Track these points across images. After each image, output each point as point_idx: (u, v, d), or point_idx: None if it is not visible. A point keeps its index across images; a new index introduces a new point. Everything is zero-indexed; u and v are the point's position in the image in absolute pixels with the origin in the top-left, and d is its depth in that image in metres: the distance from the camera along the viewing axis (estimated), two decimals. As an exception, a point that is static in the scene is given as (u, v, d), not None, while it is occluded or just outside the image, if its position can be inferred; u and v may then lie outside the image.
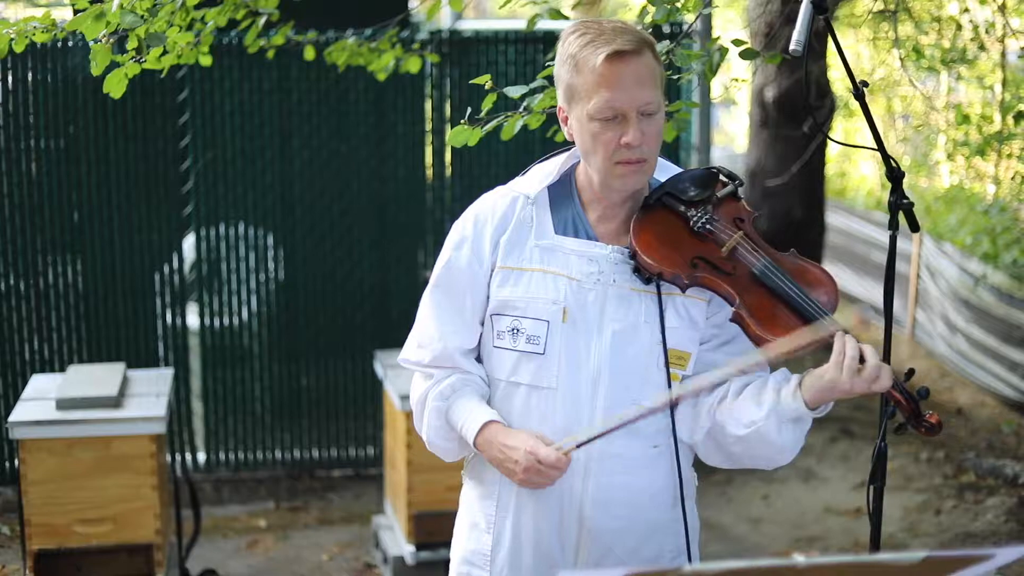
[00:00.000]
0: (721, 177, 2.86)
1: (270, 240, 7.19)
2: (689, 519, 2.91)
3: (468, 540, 3.00)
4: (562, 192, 2.90)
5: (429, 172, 7.29)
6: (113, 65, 3.98)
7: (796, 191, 10.49)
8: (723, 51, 3.99)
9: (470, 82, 3.34)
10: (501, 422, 2.81)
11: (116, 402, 5.28)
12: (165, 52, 4.20)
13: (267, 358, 7.30)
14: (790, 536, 6.70)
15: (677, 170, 2.92)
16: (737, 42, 3.97)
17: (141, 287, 7.05)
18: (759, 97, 10.57)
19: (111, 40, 3.82)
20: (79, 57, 6.66)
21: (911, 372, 2.72)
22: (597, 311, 2.78)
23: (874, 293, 12.75)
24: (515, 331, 2.82)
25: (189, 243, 7.13)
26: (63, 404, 5.23)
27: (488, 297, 2.87)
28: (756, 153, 10.87)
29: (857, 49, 13.58)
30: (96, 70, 3.85)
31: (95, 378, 5.53)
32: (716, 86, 5.55)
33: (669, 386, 2.77)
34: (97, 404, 5.25)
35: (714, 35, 6.88)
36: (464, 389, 2.88)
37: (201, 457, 7.31)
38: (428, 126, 7.21)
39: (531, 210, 2.86)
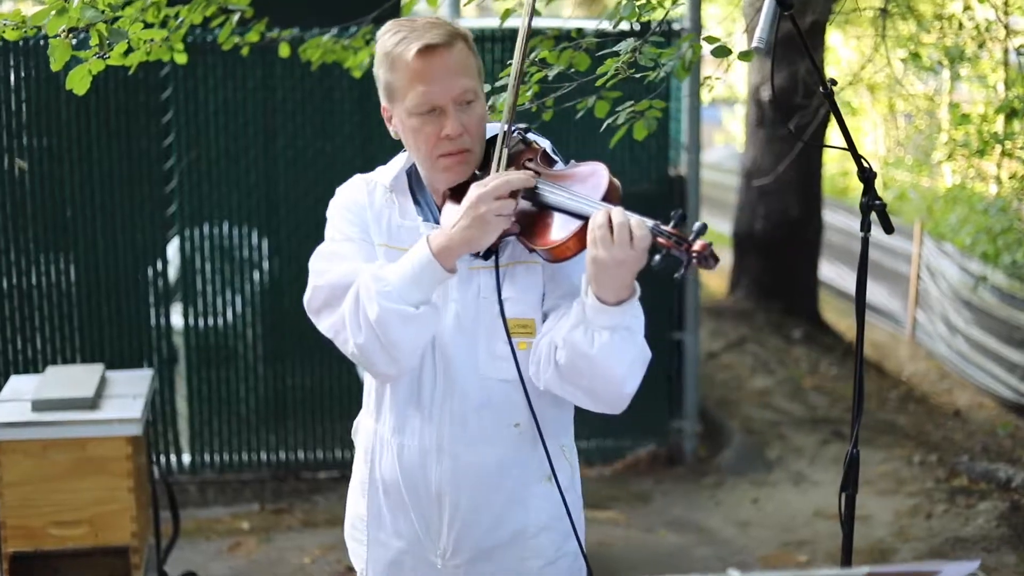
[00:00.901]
0: (514, 134, 2.82)
1: (255, 240, 7.12)
2: (568, 498, 2.87)
3: (354, 502, 3.06)
4: (418, 175, 2.91)
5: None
6: (76, 61, 3.92)
7: (792, 190, 10.45)
8: (695, 48, 3.92)
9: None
10: None
11: (92, 403, 5.21)
12: (131, 49, 4.14)
13: (252, 358, 7.25)
14: (779, 540, 6.62)
15: None
16: (710, 39, 3.88)
17: (125, 287, 6.99)
18: (755, 95, 10.53)
19: (70, 36, 3.75)
20: (62, 54, 6.59)
21: (681, 216, 2.50)
22: (441, 293, 2.76)
23: (874, 293, 12.68)
24: None
25: (174, 247, 7.07)
26: (39, 405, 5.17)
27: None
28: (752, 152, 10.83)
29: (860, 47, 13.50)
30: (55, 65, 3.78)
31: (72, 379, 5.47)
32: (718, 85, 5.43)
33: (515, 357, 2.74)
34: (73, 405, 5.19)
35: (706, 32, 6.81)
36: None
37: (186, 458, 7.25)
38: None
39: (391, 196, 2.89)
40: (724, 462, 7.74)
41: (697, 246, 2.44)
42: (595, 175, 2.67)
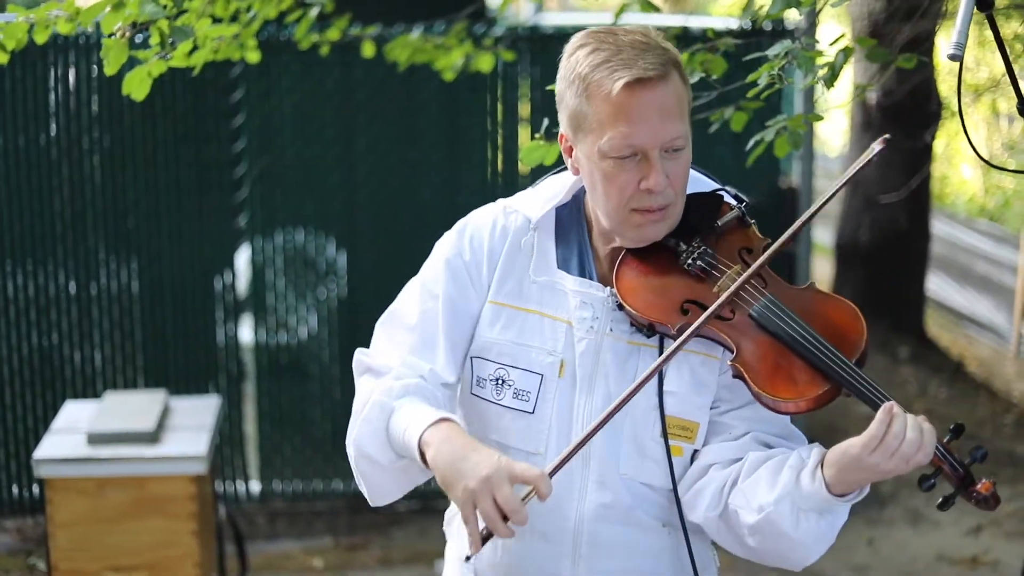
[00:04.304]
0: (727, 199, 2.39)
1: (331, 252, 6.69)
2: None
3: None
4: (571, 216, 2.42)
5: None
6: (134, 62, 3.45)
7: (901, 200, 9.89)
8: (848, 51, 3.37)
9: (547, 88, 2.77)
10: (461, 425, 2.25)
11: (153, 437, 4.85)
12: (197, 48, 3.66)
13: (327, 379, 6.81)
14: (900, 586, 6.09)
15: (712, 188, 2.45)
16: (862, 41, 3.38)
17: (191, 302, 6.58)
18: (862, 98, 9.97)
19: (127, 34, 3.27)
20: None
21: (959, 429, 2.16)
22: (589, 365, 2.30)
23: (976, 306, 12.16)
24: (499, 381, 2.36)
25: (244, 259, 6.65)
26: (95, 439, 4.81)
27: (474, 334, 2.39)
28: (856, 158, 10.27)
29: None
30: (109, 69, 3.29)
31: (132, 408, 5.09)
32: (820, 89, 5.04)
33: (669, 462, 2.30)
34: (132, 439, 4.83)
35: (825, 34, 6.25)
36: (420, 397, 2.29)
37: (255, 487, 6.80)
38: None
39: (532, 236, 2.40)
40: (834, 497, 7.19)
41: (980, 487, 2.12)
42: (851, 329, 2.23)
